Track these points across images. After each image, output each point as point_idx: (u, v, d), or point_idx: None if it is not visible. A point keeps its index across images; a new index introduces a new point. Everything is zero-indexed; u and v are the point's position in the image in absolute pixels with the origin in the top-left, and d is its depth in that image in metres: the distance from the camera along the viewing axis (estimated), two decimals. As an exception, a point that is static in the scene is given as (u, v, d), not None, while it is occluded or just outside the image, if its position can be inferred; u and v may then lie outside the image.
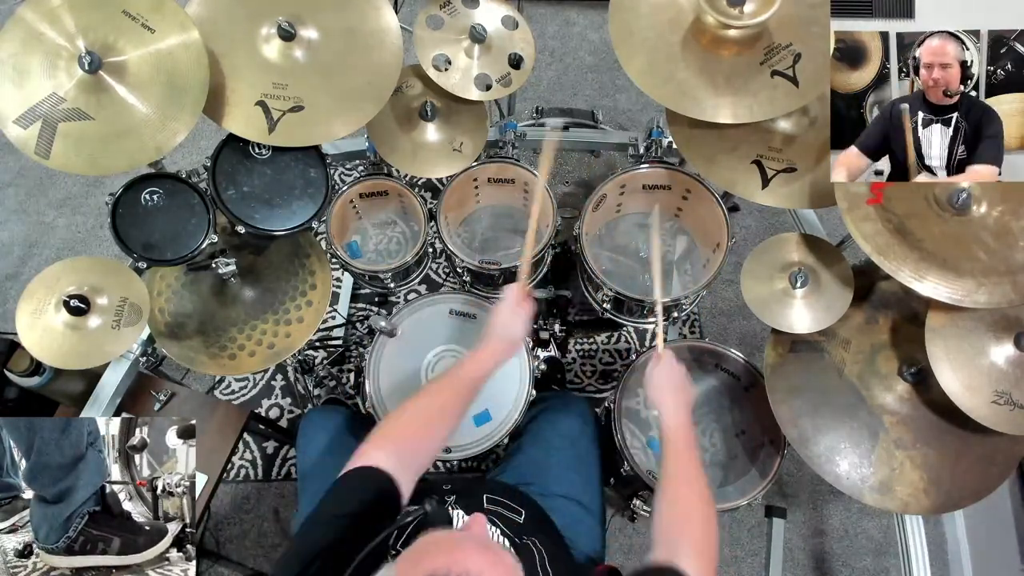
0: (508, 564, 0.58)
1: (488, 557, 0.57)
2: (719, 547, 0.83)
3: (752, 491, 1.22)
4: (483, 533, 0.70)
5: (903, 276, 0.93)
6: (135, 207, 1.02)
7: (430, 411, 0.91)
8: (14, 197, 2.22)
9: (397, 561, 0.58)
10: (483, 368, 0.97)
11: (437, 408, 0.92)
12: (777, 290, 1.12)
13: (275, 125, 1.05)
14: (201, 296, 1.23)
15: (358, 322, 1.96)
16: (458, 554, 0.56)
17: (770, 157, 1.16)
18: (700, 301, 2.04)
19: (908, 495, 1.06)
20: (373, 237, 1.56)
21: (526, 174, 1.45)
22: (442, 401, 0.93)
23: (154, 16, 0.94)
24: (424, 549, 0.58)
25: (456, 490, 0.99)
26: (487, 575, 0.54)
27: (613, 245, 1.55)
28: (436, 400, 0.93)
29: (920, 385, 1.09)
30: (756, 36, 1.09)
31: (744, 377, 1.35)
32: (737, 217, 2.19)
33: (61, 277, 1.00)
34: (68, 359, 0.98)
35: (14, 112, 0.89)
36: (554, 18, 2.61)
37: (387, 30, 1.13)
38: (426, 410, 0.91)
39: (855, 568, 1.78)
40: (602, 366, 1.97)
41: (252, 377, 1.93)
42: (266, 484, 1.81)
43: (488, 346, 1.00)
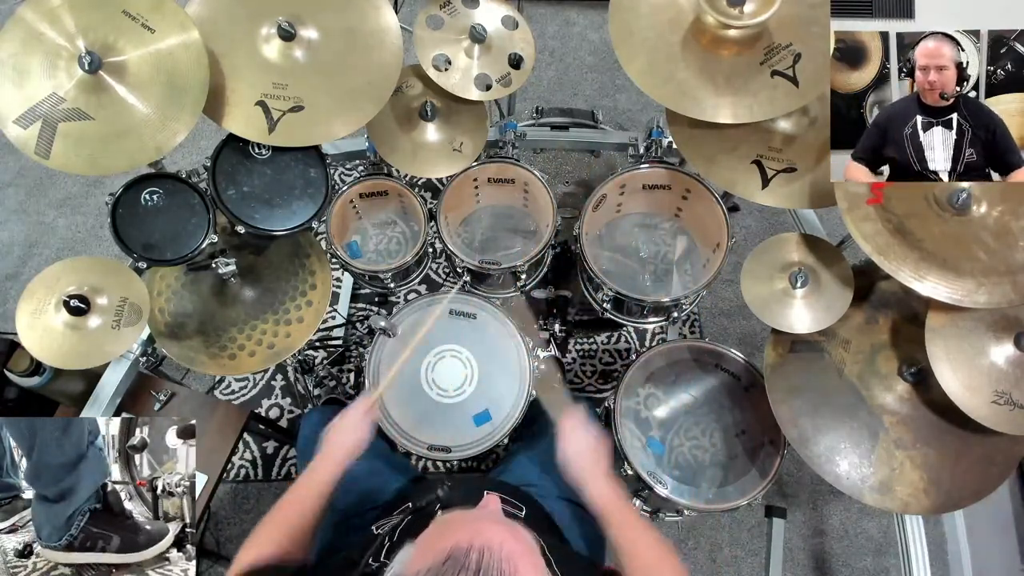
0: (526, 538, 0.59)
1: (508, 530, 0.57)
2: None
3: (752, 491, 1.22)
4: (498, 510, 0.70)
5: (903, 276, 0.93)
6: (135, 207, 1.02)
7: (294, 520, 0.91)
8: (14, 197, 2.22)
9: (417, 540, 0.59)
10: (334, 466, 0.95)
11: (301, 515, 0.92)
12: (777, 290, 1.12)
13: (275, 125, 1.05)
14: (201, 296, 1.23)
15: (358, 322, 1.96)
16: (479, 527, 0.57)
17: (770, 157, 1.16)
18: (700, 301, 2.04)
19: (908, 495, 1.06)
20: (373, 237, 1.56)
21: (526, 174, 1.45)
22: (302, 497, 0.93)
23: (154, 16, 0.94)
24: (445, 525, 0.59)
25: (456, 488, 0.99)
26: (508, 546, 0.55)
27: (613, 245, 1.55)
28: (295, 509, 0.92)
29: (920, 385, 1.09)
30: (756, 36, 1.09)
31: (744, 377, 1.35)
32: (737, 217, 2.19)
33: (61, 277, 1.00)
34: (68, 359, 0.98)
35: (14, 112, 0.89)
36: (554, 18, 2.61)
37: (387, 30, 1.13)
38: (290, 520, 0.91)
39: (855, 568, 1.78)
40: (602, 366, 1.97)
41: (252, 377, 1.93)
42: (266, 484, 1.81)
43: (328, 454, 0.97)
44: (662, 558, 0.82)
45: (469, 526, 0.57)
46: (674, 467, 1.36)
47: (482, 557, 0.53)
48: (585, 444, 0.96)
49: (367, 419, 1.00)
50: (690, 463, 1.36)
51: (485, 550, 0.53)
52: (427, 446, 1.21)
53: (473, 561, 0.52)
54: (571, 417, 0.99)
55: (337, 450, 0.96)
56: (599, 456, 0.95)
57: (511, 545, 0.55)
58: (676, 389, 1.43)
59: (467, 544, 0.54)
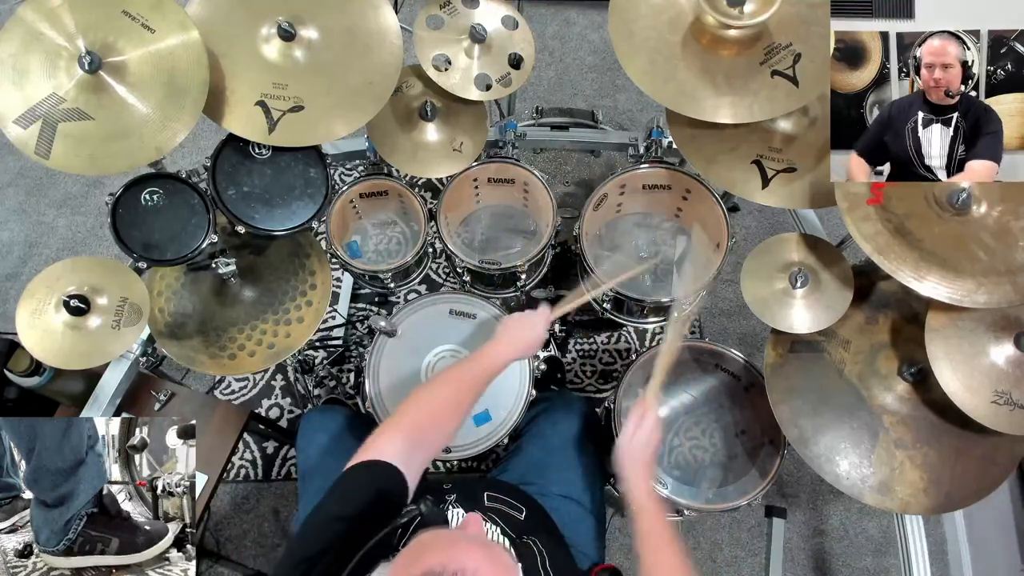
0: (505, 562, 0.58)
1: (485, 554, 0.56)
2: None
3: (752, 491, 1.22)
4: (479, 532, 0.69)
5: (903, 276, 0.93)
6: (135, 207, 1.02)
7: (442, 402, 0.90)
8: (14, 197, 2.22)
9: (394, 560, 0.58)
10: (496, 362, 0.96)
11: (451, 398, 0.91)
12: (777, 290, 1.12)
13: (275, 125, 1.05)
14: (201, 296, 1.23)
15: (358, 322, 1.96)
16: (454, 551, 0.56)
17: (770, 157, 1.16)
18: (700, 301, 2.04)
19: (908, 495, 1.06)
20: (373, 237, 1.56)
21: (526, 174, 1.45)
22: (456, 391, 0.92)
23: (154, 16, 0.94)
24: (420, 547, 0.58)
25: (456, 489, 0.99)
26: (483, 572, 0.54)
27: (613, 245, 1.55)
28: (450, 389, 0.92)
29: (920, 385, 1.09)
30: (756, 36, 1.09)
31: (744, 377, 1.35)
32: (737, 217, 2.19)
33: (61, 277, 1.00)
34: (68, 359, 0.98)
35: (14, 112, 0.89)
36: (554, 18, 2.61)
37: (387, 30, 1.13)
38: (440, 399, 0.90)
39: (855, 568, 1.78)
40: (602, 366, 1.97)
41: (252, 377, 1.93)
42: (266, 484, 1.81)
43: (501, 342, 0.99)
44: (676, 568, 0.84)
45: (445, 550, 0.56)
46: (674, 467, 1.36)
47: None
48: (654, 443, 0.97)
49: (547, 325, 1.01)
50: (690, 463, 1.36)
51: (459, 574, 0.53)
52: (427, 446, 1.21)
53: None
54: (651, 409, 0.99)
55: (507, 345, 0.96)
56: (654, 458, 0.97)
57: (487, 570, 0.54)
58: (676, 389, 1.43)
59: (440, 569, 0.53)
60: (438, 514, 0.69)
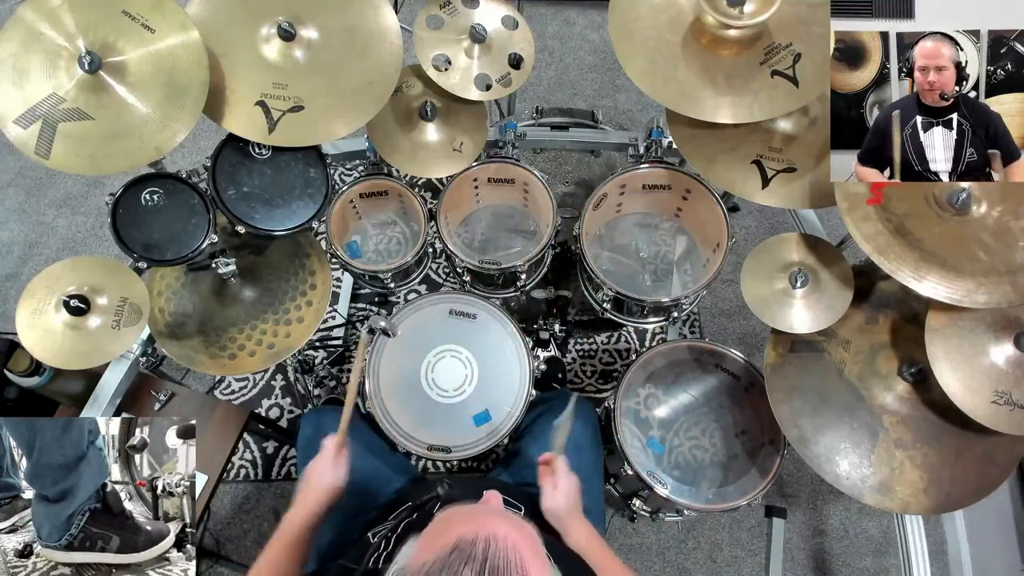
0: (529, 530, 0.59)
1: (511, 522, 0.57)
2: None
3: (752, 491, 1.22)
4: (500, 505, 0.70)
5: (903, 276, 0.93)
6: (135, 207, 1.02)
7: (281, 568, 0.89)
8: (14, 197, 2.22)
9: (422, 534, 0.59)
10: (308, 516, 0.93)
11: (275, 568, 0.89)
12: (777, 290, 1.12)
13: (275, 125, 1.05)
14: (201, 296, 1.23)
15: (358, 322, 1.96)
16: (483, 519, 0.57)
17: (770, 157, 1.16)
18: (700, 301, 2.04)
19: (908, 495, 1.06)
20: (373, 237, 1.56)
21: (526, 174, 1.45)
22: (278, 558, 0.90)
23: (154, 16, 0.94)
24: (448, 519, 0.59)
25: (456, 487, 0.99)
26: (512, 538, 0.55)
27: (613, 245, 1.55)
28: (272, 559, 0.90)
29: (920, 385, 1.09)
30: (756, 36, 1.09)
31: (744, 377, 1.35)
32: (737, 217, 2.19)
33: (61, 277, 1.00)
34: (68, 359, 0.98)
35: (14, 112, 0.89)
36: (554, 18, 2.61)
37: (387, 30, 1.13)
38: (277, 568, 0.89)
39: (855, 568, 1.78)
40: (602, 366, 1.97)
41: (252, 377, 1.93)
42: (266, 484, 1.81)
43: (305, 496, 0.95)
44: None
45: (473, 519, 0.57)
46: (674, 467, 1.36)
47: (488, 547, 0.53)
48: (573, 490, 0.95)
49: (340, 460, 0.97)
50: (690, 463, 1.36)
51: (491, 540, 0.53)
52: (427, 446, 1.21)
53: (480, 551, 0.52)
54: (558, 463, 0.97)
55: (310, 497, 0.94)
56: (575, 500, 0.95)
57: (516, 536, 0.55)
58: (676, 389, 1.43)
59: (472, 535, 0.54)
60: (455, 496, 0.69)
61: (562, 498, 0.94)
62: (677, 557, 1.76)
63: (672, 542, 1.78)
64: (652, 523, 1.76)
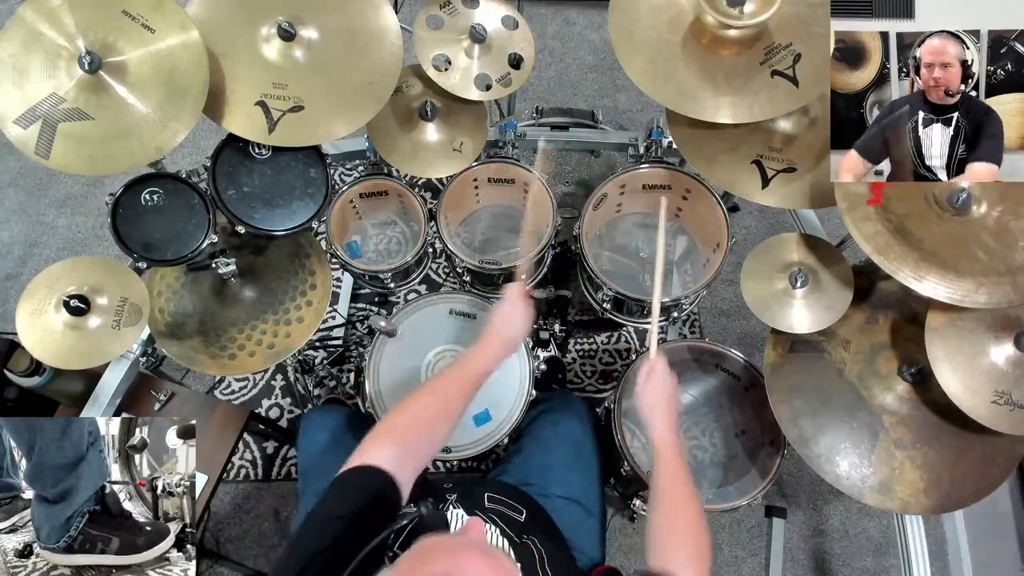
0: (507, 567, 0.58)
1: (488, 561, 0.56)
2: (712, 560, 0.84)
3: (752, 491, 1.22)
4: (482, 537, 0.69)
5: (903, 276, 0.93)
6: (135, 207, 1.02)
7: (433, 408, 0.90)
8: (14, 197, 2.22)
9: (396, 564, 0.58)
10: (485, 365, 0.97)
11: (440, 405, 0.91)
12: (777, 290, 1.12)
13: (275, 125, 1.05)
14: (201, 296, 1.23)
15: (358, 322, 1.96)
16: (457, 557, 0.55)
17: (770, 157, 1.16)
18: (700, 301, 2.04)
19: (908, 495, 1.06)
20: (373, 237, 1.56)
21: (526, 174, 1.45)
22: (444, 398, 0.92)
23: (154, 16, 0.94)
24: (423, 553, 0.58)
25: (456, 489, 0.99)
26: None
27: (613, 245, 1.55)
28: (438, 397, 0.92)
29: (920, 385, 1.09)
30: (756, 36, 1.09)
31: (744, 377, 1.35)
32: (737, 217, 2.19)
33: (61, 277, 1.00)
34: (68, 359, 0.98)
35: (14, 112, 0.89)
36: (554, 18, 2.61)
37: (387, 30, 1.13)
38: (429, 407, 0.90)
39: (855, 568, 1.78)
40: (602, 366, 1.97)
41: (252, 377, 1.93)
42: (266, 484, 1.81)
43: (489, 343, 0.99)
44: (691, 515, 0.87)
45: (450, 555, 0.56)
46: (674, 467, 1.36)
47: None
48: (669, 387, 1.01)
49: (528, 307, 1.00)
50: (690, 463, 1.36)
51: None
52: (427, 446, 1.21)
53: None
54: (661, 358, 1.03)
55: (493, 344, 0.97)
56: (674, 402, 1.00)
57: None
58: (676, 389, 1.43)
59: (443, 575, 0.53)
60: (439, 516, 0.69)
61: (656, 385, 1.00)
62: (677, 557, 1.76)
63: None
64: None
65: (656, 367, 1.02)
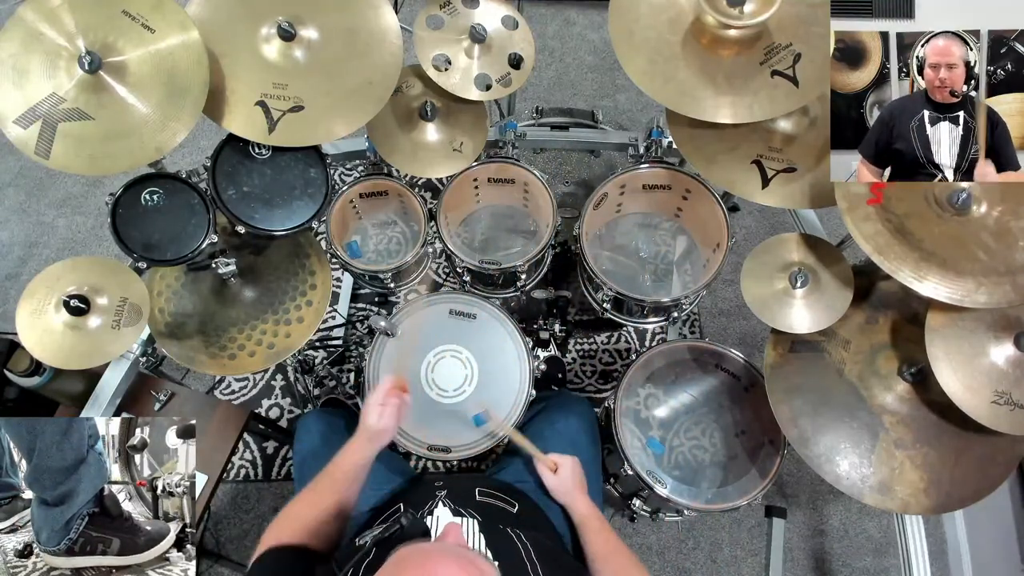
0: (482, 569, 0.59)
1: (461, 565, 0.57)
2: None
3: (752, 491, 1.22)
4: (457, 541, 0.70)
5: (903, 276, 0.93)
6: (135, 207, 1.02)
7: (313, 513, 0.92)
8: (14, 197, 2.22)
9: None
10: (358, 459, 0.98)
11: (320, 509, 0.92)
12: (777, 290, 1.12)
13: (275, 125, 1.05)
14: (201, 296, 1.23)
15: (358, 322, 1.96)
16: (430, 565, 0.57)
17: (770, 157, 1.16)
18: (700, 301, 2.04)
19: (908, 495, 1.06)
20: (373, 237, 1.56)
21: (526, 174, 1.45)
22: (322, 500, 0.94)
23: (154, 16, 0.94)
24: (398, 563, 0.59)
25: (448, 486, 0.99)
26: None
27: (613, 245, 1.55)
28: (318, 500, 0.94)
29: (920, 385, 1.09)
30: (756, 36, 1.09)
31: (744, 377, 1.35)
32: (737, 217, 2.19)
33: (61, 277, 1.00)
34: (68, 359, 0.98)
35: (14, 112, 0.89)
36: (554, 18, 2.61)
37: (387, 30, 1.13)
38: (309, 513, 0.92)
39: (855, 568, 1.78)
40: (602, 366, 1.97)
41: (252, 377, 1.93)
42: (266, 484, 1.81)
43: (357, 439, 1.00)
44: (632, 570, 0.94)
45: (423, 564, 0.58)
46: (674, 467, 1.36)
47: None
48: (577, 471, 1.07)
49: (388, 403, 1.00)
50: (690, 463, 1.36)
51: None
52: (427, 446, 1.21)
53: None
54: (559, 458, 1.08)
55: (362, 438, 0.99)
56: (583, 478, 1.07)
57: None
58: (676, 389, 1.43)
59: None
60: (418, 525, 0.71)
61: (560, 479, 1.06)
62: (677, 557, 1.76)
63: (672, 542, 1.78)
64: (652, 523, 1.76)
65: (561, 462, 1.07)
